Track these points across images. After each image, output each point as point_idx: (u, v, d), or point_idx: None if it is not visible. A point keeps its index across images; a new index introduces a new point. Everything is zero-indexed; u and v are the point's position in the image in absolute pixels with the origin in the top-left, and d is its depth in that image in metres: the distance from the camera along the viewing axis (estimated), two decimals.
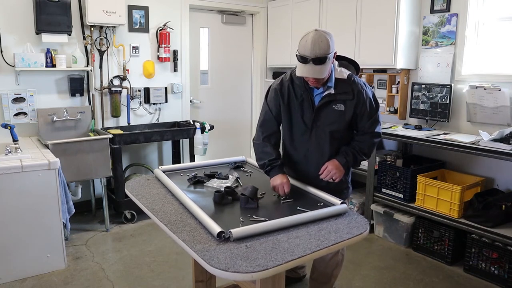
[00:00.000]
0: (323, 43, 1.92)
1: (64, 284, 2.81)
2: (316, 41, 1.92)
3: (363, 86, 2.14)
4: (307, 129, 2.18)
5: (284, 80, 2.22)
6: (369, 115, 2.15)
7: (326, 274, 2.46)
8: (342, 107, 2.11)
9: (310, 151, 2.21)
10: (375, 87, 4.13)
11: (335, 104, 2.11)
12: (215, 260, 1.41)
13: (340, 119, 2.13)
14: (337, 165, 2.13)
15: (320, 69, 1.94)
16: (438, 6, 3.53)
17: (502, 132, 2.89)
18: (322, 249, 1.54)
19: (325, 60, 1.93)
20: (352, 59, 2.29)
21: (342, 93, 2.09)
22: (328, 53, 1.93)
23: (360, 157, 2.18)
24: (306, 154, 2.24)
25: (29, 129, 3.67)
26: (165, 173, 2.31)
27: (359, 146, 2.18)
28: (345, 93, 2.09)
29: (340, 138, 2.19)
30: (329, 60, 1.95)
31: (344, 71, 2.14)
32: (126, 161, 4.18)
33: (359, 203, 3.86)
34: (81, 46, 3.80)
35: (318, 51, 1.91)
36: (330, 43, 1.94)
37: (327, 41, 1.93)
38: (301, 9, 4.47)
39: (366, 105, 2.13)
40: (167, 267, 3.07)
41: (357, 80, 2.14)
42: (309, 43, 1.93)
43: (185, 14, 4.39)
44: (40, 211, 2.85)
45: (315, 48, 1.91)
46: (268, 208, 1.91)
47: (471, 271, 3.00)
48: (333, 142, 2.18)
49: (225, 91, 5.02)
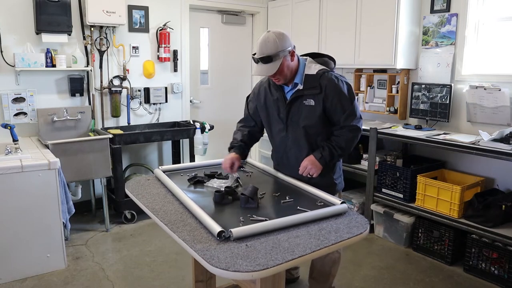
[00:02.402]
0: (270, 43, 2.02)
1: (64, 284, 2.81)
2: (263, 42, 2.04)
3: (334, 80, 2.14)
4: (284, 126, 2.27)
5: (262, 81, 2.38)
6: (341, 108, 2.15)
7: (324, 272, 2.47)
8: (312, 102, 2.16)
9: (289, 146, 2.30)
10: (375, 87, 4.13)
11: (305, 99, 2.17)
12: (215, 259, 1.41)
13: (312, 114, 2.17)
14: (312, 160, 2.17)
15: (268, 67, 2.04)
16: (438, 6, 3.53)
17: (502, 132, 2.89)
18: (322, 248, 1.53)
19: (271, 58, 2.02)
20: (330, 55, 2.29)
21: (310, 88, 2.15)
22: (274, 52, 2.01)
23: (337, 151, 2.16)
24: (286, 150, 2.33)
25: (29, 129, 3.67)
26: (165, 173, 2.30)
27: (336, 141, 2.18)
28: (313, 87, 2.14)
29: (316, 133, 2.22)
30: (277, 58, 2.03)
31: (316, 67, 2.17)
32: (126, 161, 4.18)
33: (359, 203, 3.86)
34: (81, 46, 3.81)
35: (265, 51, 2.03)
36: (278, 42, 2.02)
37: (274, 41, 2.02)
38: (301, 9, 4.47)
39: (337, 99, 2.13)
40: (167, 267, 3.07)
41: (329, 75, 2.15)
42: (258, 43, 2.06)
43: (185, 14, 4.40)
44: (40, 211, 2.85)
45: (262, 48, 2.03)
46: (268, 208, 1.91)
47: (471, 271, 3.00)
48: (308, 137, 2.22)
49: (225, 91, 5.02)
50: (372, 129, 3.56)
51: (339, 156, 2.20)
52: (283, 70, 2.08)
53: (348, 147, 2.20)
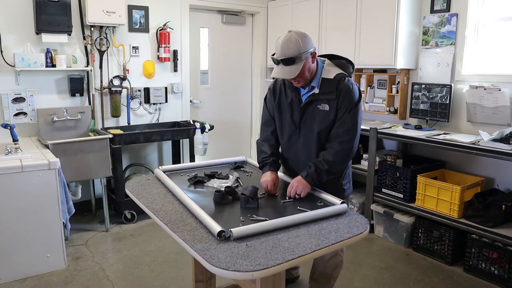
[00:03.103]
0: (292, 43, 1.94)
1: (64, 284, 2.81)
2: (286, 42, 1.95)
3: (350, 86, 2.07)
4: (296, 129, 2.20)
5: (278, 80, 2.26)
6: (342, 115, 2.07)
7: (326, 274, 2.45)
8: (327, 107, 2.09)
9: (299, 150, 2.23)
10: (375, 87, 4.13)
11: (319, 104, 2.10)
12: (215, 259, 1.42)
13: (326, 119, 2.10)
14: (298, 180, 2.06)
15: (290, 70, 1.96)
16: (438, 6, 3.53)
17: (502, 132, 2.89)
18: (322, 248, 1.54)
19: (294, 60, 1.94)
20: (348, 59, 2.22)
21: (326, 92, 2.07)
22: (297, 53, 1.94)
23: (323, 166, 2.05)
24: (296, 153, 2.26)
25: (29, 129, 3.67)
26: (165, 173, 2.31)
27: (323, 155, 2.09)
28: (329, 92, 2.07)
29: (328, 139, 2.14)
30: (299, 60, 1.95)
31: (334, 71, 2.10)
32: (126, 161, 4.18)
33: (359, 203, 3.86)
34: (81, 46, 3.81)
35: (287, 52, 1.94)
36: (301, 43, 1.94)
37: (296, 42, 1.94)
38: (301, 9, 4.47)
39: (345, 105, 2.06)
40: (167, 267, 3.07)
41: (346, 81, 2.08)
42: (279, 44, 1.97)
43: (185, 14, 4.40)
44: (40, 211, 2.85)
45: (284, 49, 1.94)
46: (268, 208, 1.91)
47: (471, 271, 3.00)
48: (320, 142, 2.15)
49: (225, 91, 5.02)
50: (372, 129, 3.56)
51: (327, 171, 2.06)
52: (304, 72, 2.00)
53: (337, 161, 2.08)
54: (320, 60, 2.15)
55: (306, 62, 1.99)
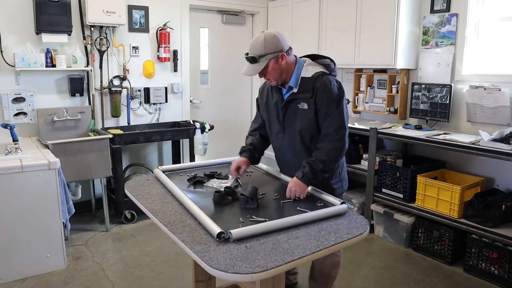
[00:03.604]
0: (258, 44, 2.02)
1: (64, 284, 2.81)
2: (253, 42, 2.05)
3: (327, 83, 2.06)
4: (281, 128, 2.25)
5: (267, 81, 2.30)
6: (325, 114, 2.07)
7: (324, 273, 2.46)
8: (305, 105, 2.11)
9: (285, 148, 2.28)
10: (375, 87, 4.13)
11: (299, 103, 2.13)
12: (214, 261, 1.41)
13: (306, 118, 2.12)
14: (295, 182, 2.04)
15: (253, 68, 2.05)
16: (438, 6, 3.53)
17: (502, 132, 2.88)
18: (322, 249, 1.53)
19: (255, 60, 2.02)
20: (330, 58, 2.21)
21: (304, 91, 2.10)
22: (259, 53, 2.01)
23: (318, 166, 2.04)
24: (283, 151, 2.32)
25: (29, 129, 3.67)
26: (164, 173, 2.30)
27: (316, 155, 2.08)
28: (306, 91, 2.09)
29: (311, 137, 2.17)
30: (262, 60, 2.02)
31: (313, 70, 2.12)
32: (126, 161, 4.18)
33: (359, 203, 3.86)
34: (81, 46, 3.80)
35: (251, 51, 2.04)
36: (265, 44, 2.00)
37: (262, 43, 2.01)
38: (301, 9, 4.46)
39: (324, 103, 2.06)
40: (167, 267, 3.07)
41: (323, 78, 2.08)
42: (250, 43, 2.06)
43: (185, 14, 4.39)
44: (40, 211, 2.85)
45: (250, 48, 2.05)
46: (268, 209, 1.91)
47: (471, 271, 3.00)
48: (303, 141, 2.19)
49: (225, 91, 5.02)
50: (372, 129, 3.56)
51: (323, 170, 2.06)
52: (270, 72, 2.06)
53: (330, 159, 2.07)
54: (301, 61, 2.18)
55: (271, 63, 2.04)
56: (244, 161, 2.27)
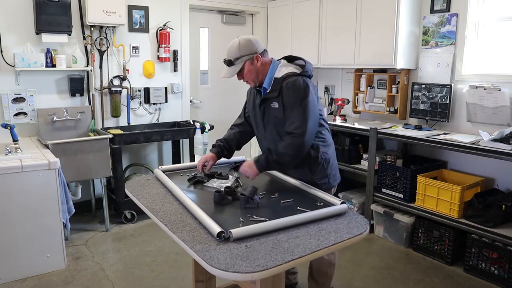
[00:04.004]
0: (233, 48, 2.15)
1: (64, 284, 2.81)
2: (229, 46, 2.18)
3: (293, 82, 2.10)
4: (262, 126, 2.31)
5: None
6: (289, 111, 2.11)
7: (321, 272, 2.48)
8: (276, 104, 2.17)
9: (269, 146, 2.30)
10: (375, 87, 4.13)
11: (271, 102, 2.19)
12: (215, 260, 1.41)
13: (278, 116, 2.18)
14: (249, 164, 2.18)
15: (230, 70, 2.18)
16: (438, 6, 3.53)
17: (502, 132, 2.89)
18: (322, 249, 1.53)
19: (232, 62, 2.15)
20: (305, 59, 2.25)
21: (273, 91, 2.18)
22: (235, 56, 2.13)
23: (272, 156, 2.12)
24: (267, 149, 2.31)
25: (29, 129, 3.67)
26: (165, 173, 2.31)
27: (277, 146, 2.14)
28: (275, 90, 2.16)
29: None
30: (238, 62, 2.14)
31: (285, 70, 2.17)
32: (126, 161, 4.18)
33: (359, 203, 3.86)
34: (81, 46, 3.81)
35: (228, 54, 2.17)
36: (240, 47, 2.13)
37: (237, 46, 2.14)
38: (301, 9, 4.47)
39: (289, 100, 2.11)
40: (167, 267, 3.07)
41: (291, 77, 2.12)
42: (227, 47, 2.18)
43: (185, 14, 4.39)
44: (40, 211, 2.85)
45: (227, 52, 2.18)
46: (268, 208, 1.91)
47: (471, 271, 3.00)
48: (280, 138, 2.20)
49: (225, 91, 5.02)
50: (372, 129, 3.56)
51: (276, 162, 2.13)
52: (246, 74, 2.17)
53: (287, 154, 2.10)
54: (276, 62, 2.25)
55: (246, 65, 2.15)
56: (211, 156, 2.32)
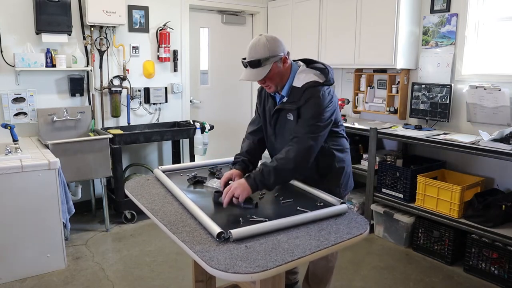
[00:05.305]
0: (260, 46, 1.92)
1: (64, 284, 2.81)
2: (254, 45, 1.94)
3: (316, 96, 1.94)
4: (273, 134, 2.19)
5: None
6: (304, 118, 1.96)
7: (316, 276, 2.43)
8: (292, 116, 2.02)
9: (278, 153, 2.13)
10: (375, 87, 4.13)
11: (287, 113, 2.05)
12: (214, 261, 1.41)
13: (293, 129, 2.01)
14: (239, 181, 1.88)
15: (257, 72, 1.94)
16: (438, 6, 3.53)
17: (502, 132, 2.88)
18: (322, 249, 1.53)
19: (259, 63, 1.91)
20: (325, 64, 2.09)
21: (292, 102, 2.01)
22: (264, 56, 1.91)
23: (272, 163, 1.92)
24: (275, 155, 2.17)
25: (29, 129, 3.67)
26: (164, 173, 2.30)
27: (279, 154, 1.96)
28: (294, 102, 1.99)
29: None
30: (266, 63, 1.92)
31: (305, 78, 2.00)
32: (126, 161, 4.18)
33: (359, 203, 3.86)
34: (81, 46, 3.80)
35: (254, 55, 1.93)
36: (268, 46, 1.92)
37: (264, 45, 1.92)
38: (301, 9, 4.46)
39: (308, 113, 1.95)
40: (167, 267, 3.07)
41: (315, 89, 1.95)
42: (248, 47, 1.96)
43: (185, 14, 4.39)
44: (40, 211, 2.85)
45: (252, 52, 1.94)
46: (268, 209, 1.91)
47: (471, 271, 3.00)
48: None
49: (225, 91, 5.02)
50: (372, 129, 3.56)
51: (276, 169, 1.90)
52: (273, 76, 1.96)
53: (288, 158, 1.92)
54: (296, 66, 2.07)
55: (274, 66, 1.95)
56: (237, 173, 2.06)
